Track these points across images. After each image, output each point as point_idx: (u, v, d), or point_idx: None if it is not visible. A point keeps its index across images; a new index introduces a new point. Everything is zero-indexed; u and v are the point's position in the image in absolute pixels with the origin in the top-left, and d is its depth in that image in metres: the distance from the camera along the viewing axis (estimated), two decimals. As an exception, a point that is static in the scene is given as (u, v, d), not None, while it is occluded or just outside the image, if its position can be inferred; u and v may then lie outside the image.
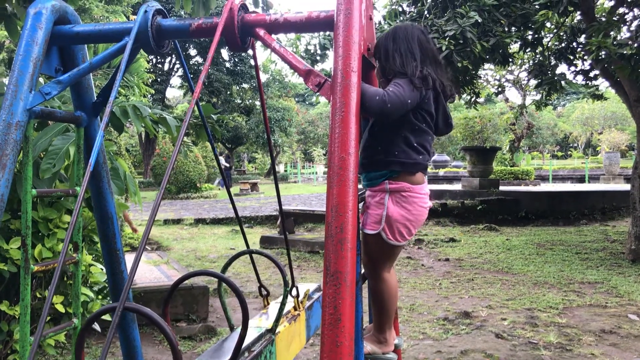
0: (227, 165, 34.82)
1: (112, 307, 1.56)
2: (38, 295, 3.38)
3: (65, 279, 3.57)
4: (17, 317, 3.22)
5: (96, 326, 4.07)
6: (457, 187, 17.77)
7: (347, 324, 1.60)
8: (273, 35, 2.00)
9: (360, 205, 2.45)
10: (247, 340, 2.51)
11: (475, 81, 11.43)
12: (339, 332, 1.58)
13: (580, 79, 11.25)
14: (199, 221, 14.90)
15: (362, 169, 2.42)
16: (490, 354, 4.81)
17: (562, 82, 10.66)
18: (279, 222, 12.29)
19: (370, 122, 2.41)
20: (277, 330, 2.78)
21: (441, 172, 32.66)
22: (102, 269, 3.76)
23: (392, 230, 2.31)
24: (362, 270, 2.39)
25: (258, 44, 2.16)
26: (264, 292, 3.17)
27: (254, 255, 3.08)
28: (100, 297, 3.97)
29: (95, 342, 5.15)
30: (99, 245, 3.71)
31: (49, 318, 3.49)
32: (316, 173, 40.46)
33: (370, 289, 2.46)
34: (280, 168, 46.59)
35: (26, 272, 2.04)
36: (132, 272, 1.55)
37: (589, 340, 5.17)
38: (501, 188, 16.32)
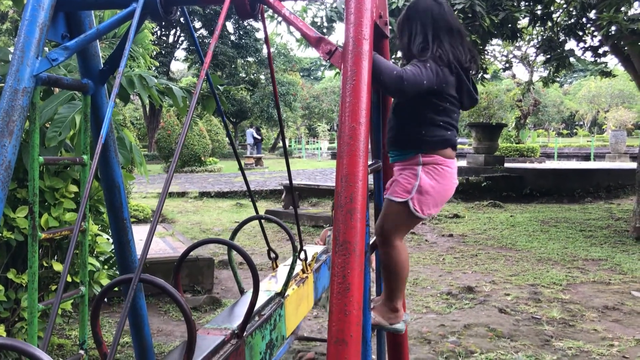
0: (259, 137, 35.16)
1: (128, 277, 1.58)
2: (45, 264, 3.39)
3: (72, 248, 3.58)
4: (24, 285, 3.23)
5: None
6: (462, 163, 17.71)
7: (356, 293, 1.59)
8: (283, 2, 1.96)
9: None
10: (258, 304, 2.53)
11: (482, 56, 11.32)
12: (348, 301, 1.57)
13: (589, 55, 11.14)
14: (203, 194, 14.93)
15: (391, 147, 2.45)
16: (494, 328, 4.83)
17: (571, 59, 10.56)
18: (283, 196, 12.31)
19: (393, 103, 2.43)
20: (286, 294, 2.82)
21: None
22: (108, 239, 3.76)
23: (420, 201, 2.32)
24: (371, 241, 2.39)
25: (267, 13, 2.13)
26: (273, 255, 3.24)
27: (265, 219, 3.13)
28: (106, 267, 3.99)
29: (101, 312, 5.19)
30: (105, 215, 3.71)
31: (54, 287, 3.51)
32: (320, 149, 40.39)
33: (382, 257, 2.45)
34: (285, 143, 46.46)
35: (34, 240, 2.04)
36: (147, 244, 1.55)
37: (592, 316, 5.19)
38: (506, 165, 16.26)
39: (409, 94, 2.16)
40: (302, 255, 3.16)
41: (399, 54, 11.84)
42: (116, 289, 3.58)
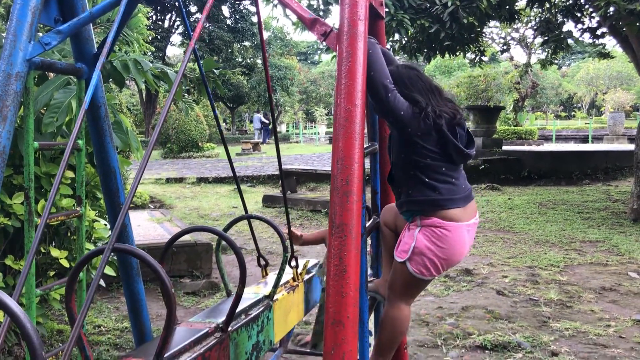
0: (266, 122, 35.42)
1: (102, 248, 1.54)
2: (42, 250, 3.39)
3: (69, 234, 3.58)
4: (22, 271, 3.23)
5: (101, 282, 4.10)
6: (459, 146, 17.71)
7: (352, 275, 1.59)
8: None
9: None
10: (245, 304, 2.50)
11: (480, 39, 11.27)
12: (344, 282, 1.58)
13: (587, 36, 11.09)
14: (201, 180, 14.93)
15: (397, 206, 2.46)
16: (491, 310, 4.86)
17: (569, 40, 10.51)
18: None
19: (391, 163, 2.43)
20: (275, 297, 2.76)
21: (444, 132, 32.45)
22: (105, 225, 3.76)
23: (417, 263, 2.27)
24: (368, 223, 2.38)
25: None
26: (263, 263, 3.13)
27: (256, 218, 3.00)
28: (104, 252, 3.99)
29: (99, 297, 5.21)
30: (102, 201, 3.71)
31: (52, 273, 3.51)
32: (318, 133, 40.31)
33: (384, 311, 2.44)
34: (282, 128, 46.39)
35: (30, 225, 2.03)
36: (126, 206, 1.54)
37: (589, 297, 5.22)
38: (504, 148, 16.26)
39: (386, 112, 2.15)
40: (292, 263, 3.09)
41: (396, 36, 11.74)
42: (114, 273, 3.56)
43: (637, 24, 7.70)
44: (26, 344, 1.20)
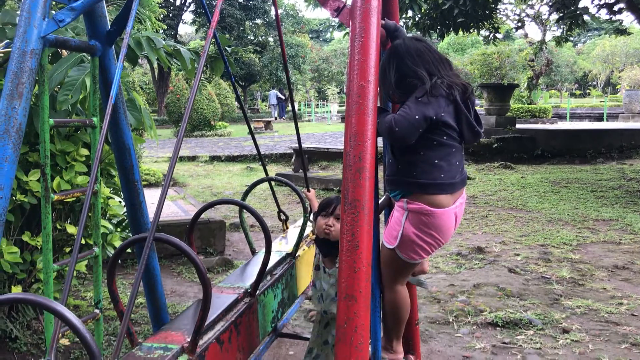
0: (282, 97, 36.44)
1: (143, 236, 1.60)
2: (59, 227, 3.44)
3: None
4: (39, 247, 3.29)
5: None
6: (472, 125, 17.59)
7: (365, 251, 1.61)
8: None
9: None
10: (269, 264, 2.57)
11: (494, 15, 11.13)
12: (357, 257, 1.59)
13: (603, 12, 10.91)
14: (214, 158, 14.98)
15: (387, 185, 2.33)
16: (503, 287, 4.87)
17: (585, 17, 10.35)
18: (293, 159, 12.32)
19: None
20: (297, 254, 2.85)
21: (457, 110, 32.18)
22: (120, 202, 3.80)
23: (405, 250, 2.22)
24: (381, 200, 2.39)
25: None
26: (283, 217, 3.26)
27: (275, 180, 3.17)
28: (119, 229, 4.04)
29: (115, 273, 5.28)
30: (116, 178, 3.74)
31: (68, 249, 3.57)
32: (330, 112, 40.16)
33: (383, 297, 2.40)
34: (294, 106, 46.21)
35: (46, 201, 2.07)
36: (161, 204, 1.58)
37: (602, 276, 5.22)
38: (518, 126, 16.13)
39: (408, 137, 2.06)
40: (311, 217, 3.17)
41: (410, 12, 11.58)
42: (129, 250, 3.61)
43: (656, -1, 7.56)
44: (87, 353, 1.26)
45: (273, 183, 3.21)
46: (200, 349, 1.80)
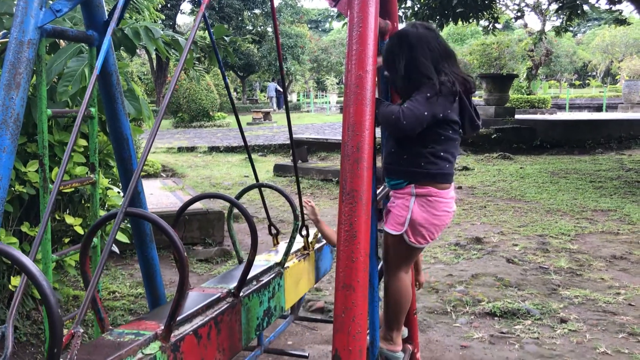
0: (281, 90, 35.84)
1: (115, 212, 1.57)
2: (57, 217, 3.44)
3: (83, 202, 3.62)
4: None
5: (114, 248, 4.16)
6: (471, 115, 17.55)
7: (362, 241, 1.61)
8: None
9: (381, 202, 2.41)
10: (256, 271, 2.54)
11: (493, 5, 11.09)
12: (354, 248, 1.60)
13: (603, 2, 10.87)
14: (212, 149, 14.97)
15: (387, 174, 2.35)
16: (501, 277, 4.89)
17: (584, 6, 10.31)
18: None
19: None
20: (286, 265, 2.80)
21: (456, 100, 32.12)
22: (118, 192, 3.80)
23: (414, 233, 2.27)
24: (378, 190, 2.39)
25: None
26: (274, 231, 3.15)
27: (267, 187, 3.02)
28: (118, 220, 4.04)
29: (114, 264, 5.29)
30: (115, 169, 3.74)
31: (67, 240, 3.57)
32: (329, 102, 40.10)
33: (385, 285, 2.44)
34: (293, 97, 46.12)
35: (45, 191, 2.07)
36: (136, 177, 1.56)
37: (599, 266, 5.23)
38: (517, 116, 16.12)
39: (413, 131, 2.10)
40: (303, 232, 3.10)
41: (408, 2, 11.54)
42: (127, 240, 3.61)
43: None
44: (43, 303, 1.23)
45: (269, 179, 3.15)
46: (175, 338, 1.76)
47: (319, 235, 3.20)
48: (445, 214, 2.30)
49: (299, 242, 3.12)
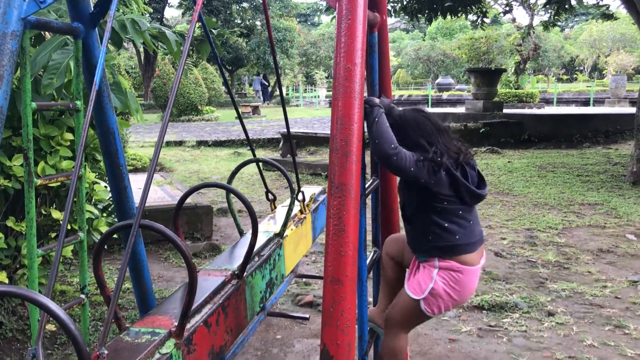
0: (267, 83, 38.12)
1: (129, 223, 1.58)
2: (44, 212, 3.41)
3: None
4: (23, 232, 3.26)
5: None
6: (460, 110, 17.61)
7: (351, 235, 1.61)
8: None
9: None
10: (257, 245, 2.56)
11: (482, 0, 11.10)
12: (343, 242, 1.59)
13: (591, -3, 10.92)
14: (200, 143, 14.91)
15: (413, 252, 2.42)
16: (489, 271, 4.91)
17: (572, 1, 10.35)
18: (281, 144, 12.30)
19: (400, 202, 2.42)
20: (284, 234, 2.85)
21: (445, 95, 32.29)
22: (105, 187, 3.77)
23: (431, 303, 2.29)
24: (367, 184, 2.38)
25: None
26: (271, 197, 3.25)
27: (263, 161, 3.20)
28: (104, 215, 4.01)
29: (102, 259, 5.25)
30: (102, 163, 3.71)
31: (54, 234, 3.54)
32: (318, 97, 40.02)
33: (383, 339, 2.45)
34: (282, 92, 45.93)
35: (30, 186, 2.04)
36: (146, 190, 1.56)
37: (587, 259, 5.27)
38: (505, 111, 16.16)
39: (394, 171, 2.24)
40: (299, 197, 3.18)
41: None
42: (115, 235, 3.60)
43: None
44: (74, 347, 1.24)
45: (261, 165, 3.22)
46: (187, 332, 1.79)
47: (315, 194, 3.30)
48: (467, 291, 2.32)
49: (295, 206, 3.17)
